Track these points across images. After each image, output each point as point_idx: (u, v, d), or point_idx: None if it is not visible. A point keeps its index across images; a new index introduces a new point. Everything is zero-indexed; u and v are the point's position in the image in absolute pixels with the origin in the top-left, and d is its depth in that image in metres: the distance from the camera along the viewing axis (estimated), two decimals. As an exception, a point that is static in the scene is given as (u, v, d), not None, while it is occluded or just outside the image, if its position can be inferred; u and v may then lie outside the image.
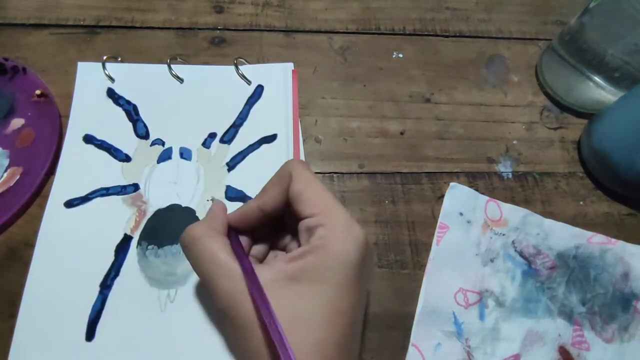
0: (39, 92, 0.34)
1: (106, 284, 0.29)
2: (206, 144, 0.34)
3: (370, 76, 0.39)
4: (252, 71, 0.37)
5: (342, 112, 0.38)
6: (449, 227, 0.33)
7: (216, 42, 0.40)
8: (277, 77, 0.37)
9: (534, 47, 0.42)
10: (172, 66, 0.37)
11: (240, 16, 0.41)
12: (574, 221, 0.34)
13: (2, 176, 0.32)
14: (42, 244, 0.30)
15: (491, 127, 0.38)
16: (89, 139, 0.34)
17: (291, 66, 0.38)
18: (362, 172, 0.35)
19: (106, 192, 0.32)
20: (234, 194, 0.33)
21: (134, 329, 0.28)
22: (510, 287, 0.31)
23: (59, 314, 0.28)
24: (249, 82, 0.37)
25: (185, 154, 0.34)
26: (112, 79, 0.36)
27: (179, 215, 0.32)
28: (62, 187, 0.32)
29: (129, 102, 0.35)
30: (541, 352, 0.30)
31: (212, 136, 0.35)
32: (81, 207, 0.31)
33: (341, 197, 0.34)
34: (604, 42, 0.34)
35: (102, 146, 0.34)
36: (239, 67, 0.37)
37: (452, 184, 0.34)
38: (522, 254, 0.32)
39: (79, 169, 0.32)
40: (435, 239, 0.32)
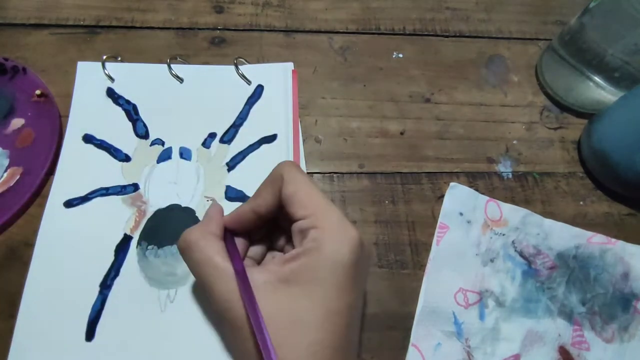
0: (39, 92, 0.34)
1: (106, 284, 0.29)
2: (206, 144, 0.34)
3: (370, 76, 0.39)
4: (252, 71, 0.37)
5: (342, 112, 0.38)
6: (449, 227, 0.33)
7: (216, 42, 0.40)
8: (277, 77, 0.37)
9: (534, 47, 0.42)
10: (172, 66, 0.37)
11: (240, 16, 0.41)
12: (574, 221, 0.34)
13: (2, 176, 0.32)
14: (41, 243, 0.30)
15: (491, 127, 0.38)
16: (88, 139, 0.34)
17: (291, 66, 0.38)
18: (362, 172, 0.35)
19: (106, 192, 0.32)
20: (234, 194, 0.33)
21: (134, 329, 0.28)
22: (510, 287, 0.31)
23: (58, 314, 0.28)
24: (249, 82, 0.37)
25: (185, 154, 0.34)
26: (111, 79, 0.36)
27: (179, 215, 0.32)
28: (62, 187, 0.32)
29: (128, 101, 0.35)
30: (541, 352, 0.30)
31: (212, 136, 0.35)
32: (81, 207, 0.31)
33: (341, 197, 0.34)
34: (604, 42, 0.34)
35: (102, 146, 0.33)
36: (239, 67, 0.37)
37: (452, 184, 0.34)
38: (522, 254, 0.32)
39: (78, 168, 0.32)
40: (435, 239, 0.32)
